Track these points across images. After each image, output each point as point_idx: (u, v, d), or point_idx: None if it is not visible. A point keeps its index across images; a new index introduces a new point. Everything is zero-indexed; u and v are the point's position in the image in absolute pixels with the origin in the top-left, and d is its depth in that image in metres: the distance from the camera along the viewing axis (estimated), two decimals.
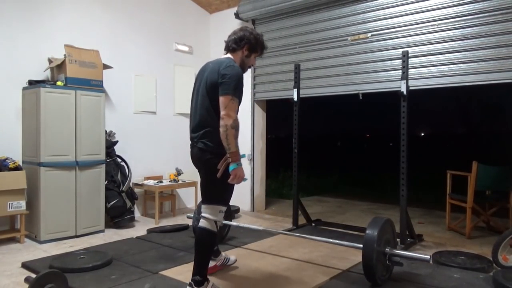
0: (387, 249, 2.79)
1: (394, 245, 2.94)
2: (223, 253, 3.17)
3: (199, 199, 3.93)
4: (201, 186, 2.72)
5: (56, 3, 4.74)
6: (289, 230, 4.55)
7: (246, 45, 2.67)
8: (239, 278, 2.96)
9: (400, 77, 4.00)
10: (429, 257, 2.79)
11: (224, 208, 2.63)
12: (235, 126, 2.41)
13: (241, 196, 5.78)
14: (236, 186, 2.77)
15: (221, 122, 2.41)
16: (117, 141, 5.13)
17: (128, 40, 5.49)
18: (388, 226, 2.87)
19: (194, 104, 2.69)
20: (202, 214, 2.60)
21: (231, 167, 2.44)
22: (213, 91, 2.52)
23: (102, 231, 4.62)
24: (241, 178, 2.49)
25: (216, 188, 2.57)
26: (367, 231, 2.72)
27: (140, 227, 4.87)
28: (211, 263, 2.98)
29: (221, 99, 2.45)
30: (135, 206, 5.26)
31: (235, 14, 5.97)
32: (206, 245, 2.58)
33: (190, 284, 2.54)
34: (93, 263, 3.17)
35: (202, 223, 2.58)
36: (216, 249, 3.06)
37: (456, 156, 9.50)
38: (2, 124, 4.33)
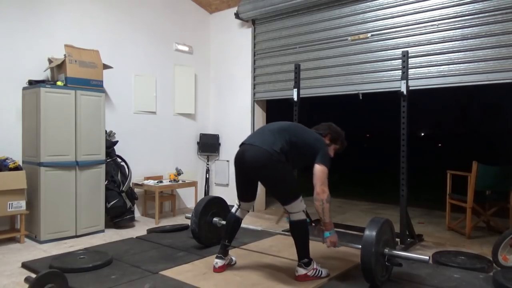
0: (386, 250, 2.78)
1: (393, 245, 2.93)
2: (229, 254, 3.22)
3: (199, 199, 3.93)
4: (270, 189, 3.03)
5: (56, 3, 4.74)
6: (289, 231, 4.54)
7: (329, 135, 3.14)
8: (239, 278, 2.96)
9: (400, 77, 4.00)
10: (428, 257, 2.76)
11: (301, 196, 2.86)
12: (329, 200, 2.79)
13: None
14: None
15: (317, 196, 2.77)
16: (117, 141, 5.13)
17: (128, 40, 5.50)
18: (387, 227, 2.85)
19: (272, 127, 2.96)
20: (290, 212, 2.86)
21: (326, 234, 2.90)
22: (300, 142, 2.87)
23: (102, 231, 4.62)
24: (336, 243, 2.91)
25: (286, 186, 2.82)
26: (365, 232, 2.71)
27: (140, 227, 4.88)
28: (221, 263, 3.08)
29: (319, 168, 2.78)
30: (135, 206, 5.26)
31: (235, 14, 5.98)
32: (305, 232, 2.90)
33: (300, 265, 2.89)
34: (93, 263, 3.17)
35: (293, 217, 2.85)
36: (226, 249, 3.13)
37: (456, 156, 9.49)
38: (2, 124, 4.33)
